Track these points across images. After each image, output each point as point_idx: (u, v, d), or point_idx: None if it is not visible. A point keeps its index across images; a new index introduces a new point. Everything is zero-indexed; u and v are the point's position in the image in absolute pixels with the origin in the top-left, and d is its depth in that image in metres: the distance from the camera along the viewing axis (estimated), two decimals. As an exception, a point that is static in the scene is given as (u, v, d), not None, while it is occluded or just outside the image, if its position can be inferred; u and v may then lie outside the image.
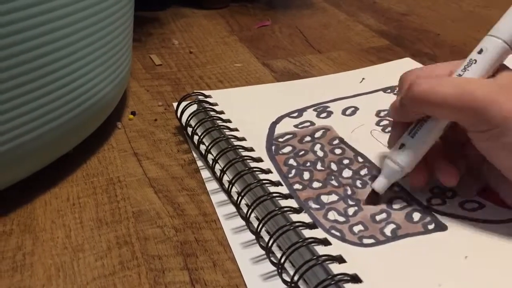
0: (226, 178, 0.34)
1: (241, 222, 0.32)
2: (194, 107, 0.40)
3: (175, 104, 0.41)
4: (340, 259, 0.26)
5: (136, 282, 0.28)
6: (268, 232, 0.30)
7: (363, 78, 0.46)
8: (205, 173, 0.36)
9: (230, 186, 0.32)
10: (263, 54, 0.56)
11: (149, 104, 0.45)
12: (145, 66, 0.52)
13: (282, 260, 0.27)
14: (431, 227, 0.29)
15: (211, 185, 0.35)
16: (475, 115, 0.27)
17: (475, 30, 0.62)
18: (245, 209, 0.31)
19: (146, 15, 0.65)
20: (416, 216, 0.30)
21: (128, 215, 0.32)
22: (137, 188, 0.35)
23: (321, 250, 0.26)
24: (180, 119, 0.40)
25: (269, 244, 0.28)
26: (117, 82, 0.37)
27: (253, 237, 0.30)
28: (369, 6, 0.71)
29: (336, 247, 0.27)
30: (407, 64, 0.51)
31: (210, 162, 0.35)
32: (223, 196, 0.34)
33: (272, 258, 0.28)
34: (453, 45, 0.58)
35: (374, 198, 0.31)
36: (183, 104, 0.40)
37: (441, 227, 0.30)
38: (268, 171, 0.33)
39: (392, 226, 0.29)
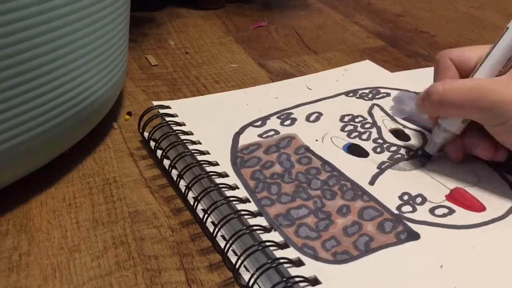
0: (191, 195, 0.33)
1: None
2: (158, 120, 0.38)
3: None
4: (314, 281, 0.25)
5: (132, 282, 0.28)
6: (235, 253, 0.28)
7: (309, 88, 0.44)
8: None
9: (196, 203, 0.31)
10: (259, 54, 0.56)
11: (145, 105, 0.45)
12: (141, 66, 0.52)
13: (251, 284, 0.26)
14: (403, 236, 0.29)
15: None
16: (487, 114, 0.31)
17: (469, 30, 0.63)
18: (211, 228, 0.29)
19: (142, 16, 0.65)
20: (388, 226, 0.29)
21: (124, 215, 0.32)
22: (133, 188, 0.35)
23: (293, 271, 0.26)
24: (142, 134, 0.39)
25: (237, 266, 0.27)
26: (113, 83, 0.37)
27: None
28: (365, 7, 0.72)
29: (309, 267, 0.26)
30: (367, 66, 0.50)
31: (175, 178, 0.34)
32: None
33: (240, 281, 0.27)
34: (448, 46, 0.58)
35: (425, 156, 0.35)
36: (146, 118, 0.38)
37: (414, 236, 0.29)
38: (235, 187, 0.31)
39: (365, 238, 0.28)
